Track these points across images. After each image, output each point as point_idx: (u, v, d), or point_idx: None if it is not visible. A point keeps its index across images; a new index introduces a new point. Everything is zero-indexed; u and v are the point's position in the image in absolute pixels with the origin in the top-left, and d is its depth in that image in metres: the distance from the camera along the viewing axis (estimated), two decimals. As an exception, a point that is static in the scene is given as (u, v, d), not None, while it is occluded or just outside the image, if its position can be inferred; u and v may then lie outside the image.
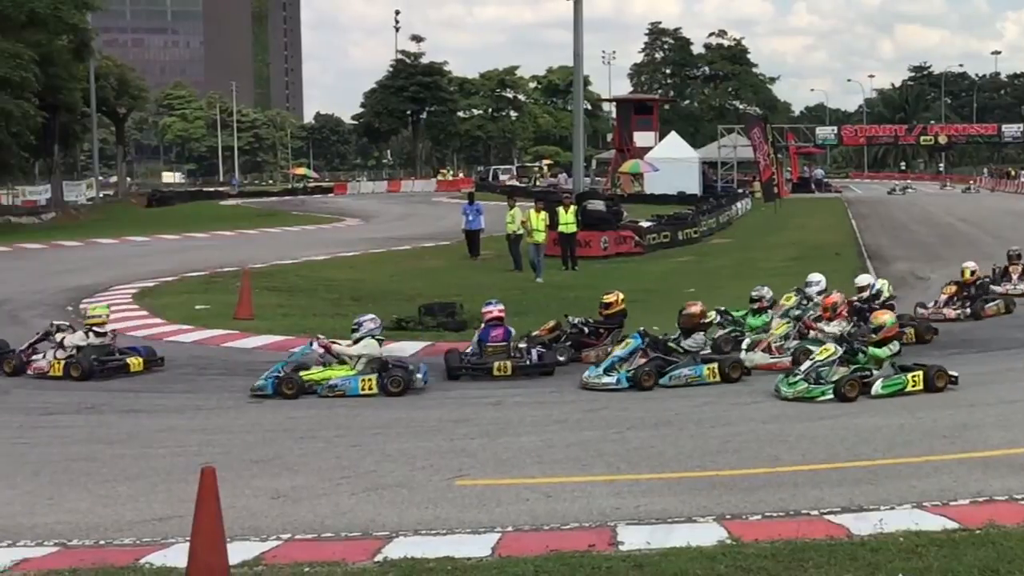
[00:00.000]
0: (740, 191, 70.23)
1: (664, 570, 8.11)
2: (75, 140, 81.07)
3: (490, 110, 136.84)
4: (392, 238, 46.17)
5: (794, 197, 74.54)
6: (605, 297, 19.23)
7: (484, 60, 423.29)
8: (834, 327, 17.73)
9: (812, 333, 17.70)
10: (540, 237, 31.40)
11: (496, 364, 17.04)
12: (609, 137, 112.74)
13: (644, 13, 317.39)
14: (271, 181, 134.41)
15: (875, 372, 15.01)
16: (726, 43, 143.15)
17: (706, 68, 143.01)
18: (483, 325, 17.79)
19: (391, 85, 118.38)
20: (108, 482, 11.32)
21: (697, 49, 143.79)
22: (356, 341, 16.47)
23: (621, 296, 19.24)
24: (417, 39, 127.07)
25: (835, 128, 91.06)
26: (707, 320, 17.82)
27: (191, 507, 7.81)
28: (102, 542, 9.39)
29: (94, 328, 18.50)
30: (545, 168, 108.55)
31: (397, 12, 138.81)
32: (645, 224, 42.08)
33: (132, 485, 11.20)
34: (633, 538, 8.92)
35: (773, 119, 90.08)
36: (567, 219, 33.52)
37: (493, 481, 11.04)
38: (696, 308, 17.26)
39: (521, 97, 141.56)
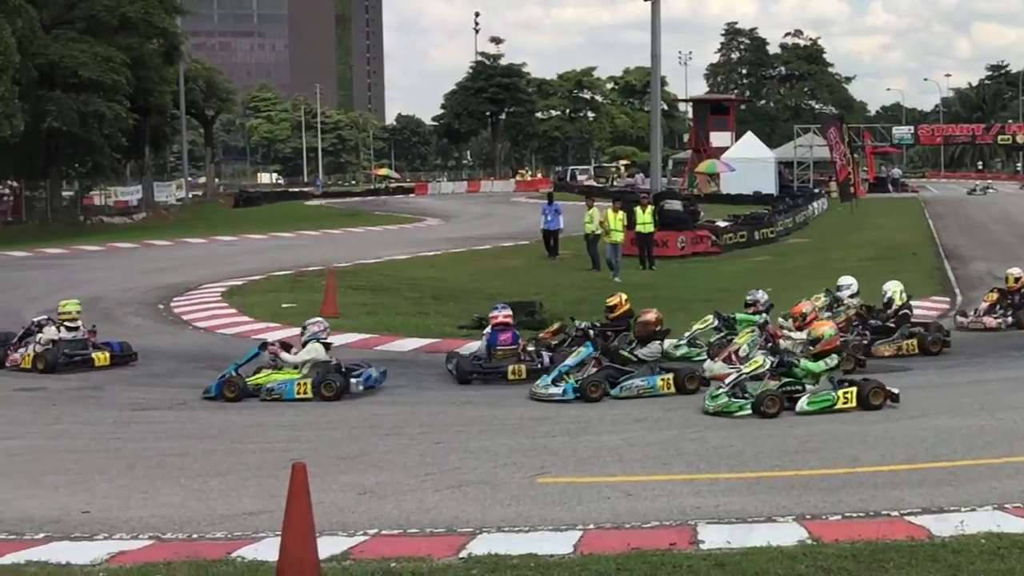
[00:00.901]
0: (816, 191, 69.52)
1: (745, 569, 8.08)
2: (165, 142, 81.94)
3: (568, 111, 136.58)
4: (472, 238, 46.24)
5: (870, 197, 73.76)
6: (609, 300, 18.87)
7: (562, 61, 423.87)
8: (800, 335, 16.83)
9: (783, 343, 16.72)
10: (618, 237, 31.33)
11: (511, 368, 16.84)
12: (686, 137, 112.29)
13: (720, 14, 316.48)
14: (354, 182, 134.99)
15: (808, 387, 14.12)
16: (802, 43, 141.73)
17: (782, 68, 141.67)
18: (490, 329, 17.42)
19: (471, 86, 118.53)
20: (200, 476, 11.47)
21: (773, 49, 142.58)
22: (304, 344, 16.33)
23: (625, 298, 18.83)
24: (496, 41, 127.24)
25: (911, 128, 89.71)
26: (662, 328, 16.88)
27: (280, 502, 7.88)
28: (194, 536, 9.51)
29: (65, 324, 18.99)
30: (622, 168, 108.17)
31: (477, 14, 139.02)
32: (722, 224, 41.85)
33: (223, 480, 11.34)
34: (713, 537, 8.89)
35: (849, 119, 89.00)
36: (644, 219, 33.42)
37: (574, 479, 11.05)
38: (651, 316, 16.76)
39: (598, 98, 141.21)
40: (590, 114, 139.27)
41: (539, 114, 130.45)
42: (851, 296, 19.43)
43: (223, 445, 13.03)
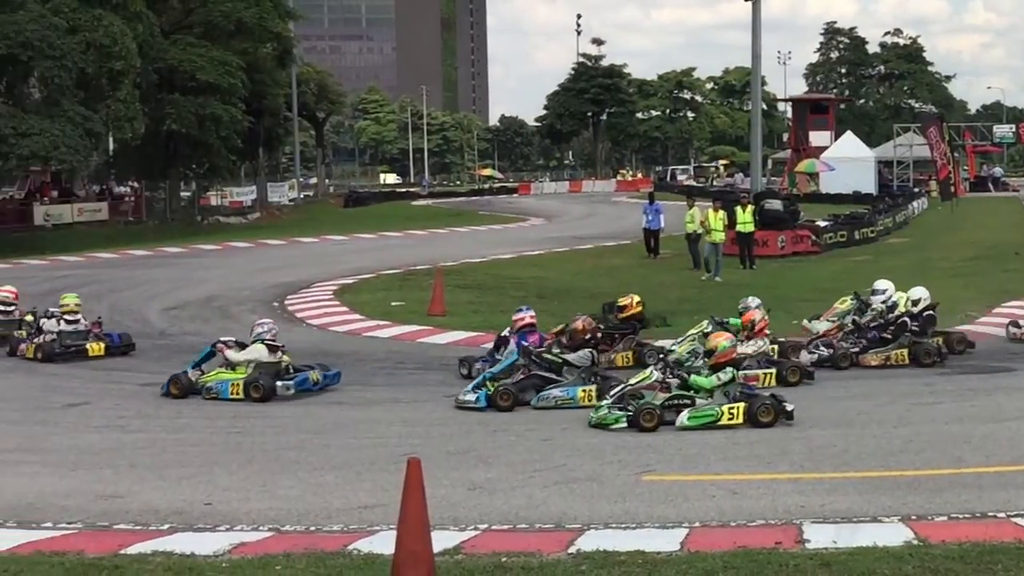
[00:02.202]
0: (916, 190, 68.44)
1: (852, 569, 7.98)
2: (278, 143, 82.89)
3: (668, 111, 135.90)
4: (574, 237, 46.21)
5: (971, 196, 72.41)
6: (620, 300, 18.56)
7: (662, 62, 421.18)
8: (748, 347, 16.18)
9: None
10: (718, 236, 31.11)
11: None
12: (785, 137, 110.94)
13: (819, 13, 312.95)
14: (459, 182, 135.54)
15: (698, 401, 13.37)
16: (902, 42, 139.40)
17: (881, 67, 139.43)
18: (516, 332, 16.86)
19: (573, 87, 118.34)
20: (316, 470, 11.61)
21: (872, 48, 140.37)
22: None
23: (636, 299, 18.47)
24: (598, 42, 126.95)
25: (1013, 126, 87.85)
26: (594, 337, 16.07)
27: (394, 496, 7.96)
28: (312, 528, 9.63)
29: (65, 316, 19.87)
30: (722, 168, 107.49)
31: (579, 16, 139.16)
32: (822, 223, 41.32)
33: (338, 474, 11.47)
34: (819, 536, 8.79)
35: (949, 117, 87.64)
36: (745, 218, 33.16)
37: (679, 477, 11.02)
38: (579, 323, 16.05)
39: (698, 98, 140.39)
40: (690, 114, 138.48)
41: (640, 114, 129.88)
42: (884, 302, 18.18)
43: (338, 440, 13.18)
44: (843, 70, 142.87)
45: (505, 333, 17.15)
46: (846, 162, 70.25)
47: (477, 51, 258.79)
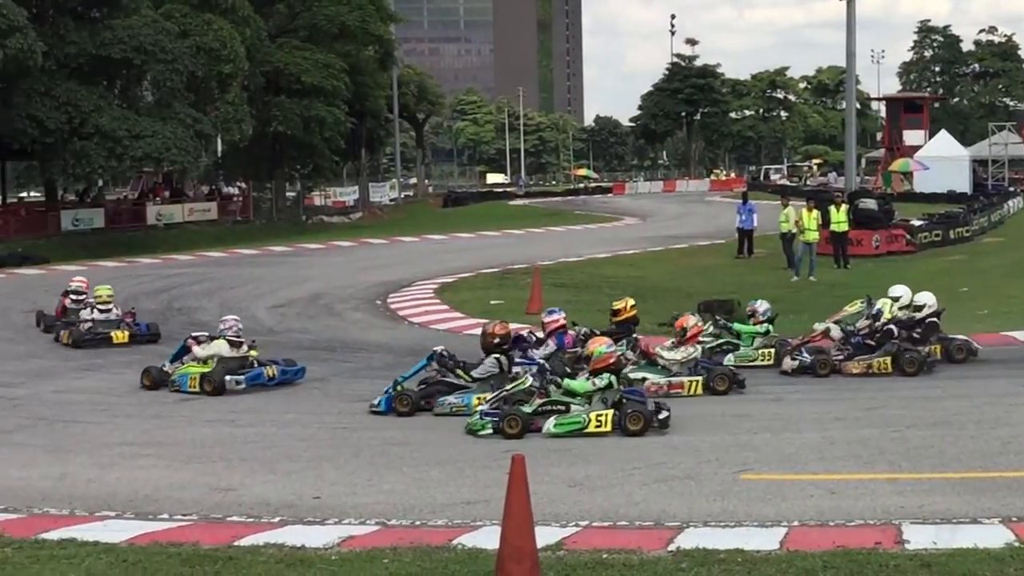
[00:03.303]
0: (1012, 189, 67.09)
1: (952, 571, 7.84)
2: (379, 144, 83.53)
3: (761, 111, 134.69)
4: (668, 236, 45.98)
5: (1067, 194, 70.79)
6: (614, 303, 18.15)
7: (755, 61, 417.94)
8: (677, 353, 15.75)
9: (661, 360, 15.73)
10: (812, 236, 30.80)
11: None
12: (878, 136, 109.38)
13: (913, 12, 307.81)
14: (554, 182, 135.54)
15: (574, 407, 13.02)
16: (996, 39, 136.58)
17: (976, 65, 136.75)
18: (552, 334, 16.63)
19: (667, 88, 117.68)
20: (421, 466, 11.70)
21: (967, 46, 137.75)
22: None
23: (631, 302, 17.96)
24: (692, 42, 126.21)
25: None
26: (504, 344, 15.25)
27: (496, 492, 7.98)
28: (417, 522, 9.68)
29: (98, 306, 21.16)
30: (815, 167, 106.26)
31: (673, 16, 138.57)
32: (916, 223, 40.72)
33: (442, 469, 11.54)
34: (918, 537, 8.65)
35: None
36: (839, 218, 32.81)
37: (777, 476, 10.91)
38: (491, 328, 15.38)
39: (791, 97, 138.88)
40: (783, 114, 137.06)
41: (733, 114, 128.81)
42: (900, 308, 17.54)
43: (440, 436, 13.25)
44: (937, 68, 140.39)
45: (524, 333, 16.89)
46: (940, 161, 69.07)
47: (572, 52, 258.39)
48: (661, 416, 12.89)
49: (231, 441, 13.23)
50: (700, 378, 15.43)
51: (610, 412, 12.88)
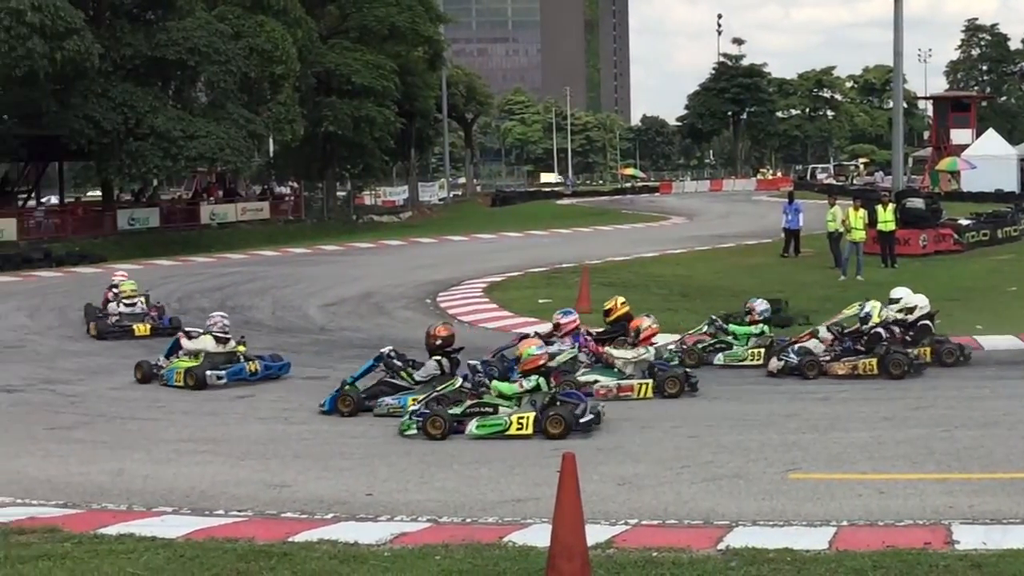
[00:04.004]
0: (1060, 188, 66.27)
1: (1003, 571, 7.78)
2: (428, 144, 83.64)
3: (807, 110, 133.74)
4: (715, 236, 45.74)
5: (1117, 193, 69.87)
6: (605, 304, 18.15)
7: (801, 60, 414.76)
8: (628, 353, 15.54)
9: (618, 362, 15.49)
10: (859, 235, 30.52)
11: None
12: (925, 135, 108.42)
13: (960, 10, 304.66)
14: (601, 181, 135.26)
15: (503, 409, 13.00)
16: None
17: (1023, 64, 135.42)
18: (569, 334, 16.59)
19: (713, 87, 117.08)
20: (471, 464, 11.73)
21: (1014, 45, 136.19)
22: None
23: (620, 301, 17.98)
24: (738, 42, 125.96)
25: None
26: (451, 346, 15.01)
27: (545, 490, 7.98)
28: (468, 520, 9.73)
29: (123, 300, 22.15)
30: (861, 167, 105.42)
31: (719, 16, 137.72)
32: (964, 222, 40.30)
33: (491, 467, 11.57)
34: (968, 538, 8.59)
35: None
36: (886, 217, 32.49)
37: (826, 475, 10.86)
38: (434, 329, 15.17)
39: (838, 96, 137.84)
40: (829, 113, 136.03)
41: (779, 113, 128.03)
42: (900, 311, 17.34)
43: (490, 434, 13.27)
44: (984, 67, 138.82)
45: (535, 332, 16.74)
46: (988, 160, 68.30)
47: (619, 52, 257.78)
48: (583, 420, 12.83)
49: (285, 438, 13.30)
50: (650, 381, 15.27)
51: (531, 415, 12.86)
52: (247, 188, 66.87)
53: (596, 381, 15.25)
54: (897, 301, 17.54)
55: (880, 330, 16.64)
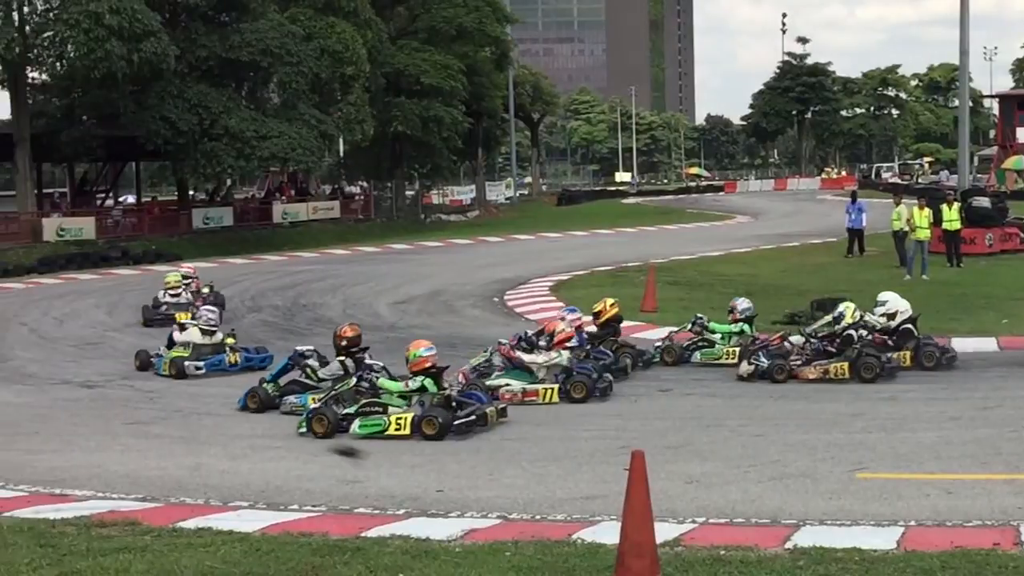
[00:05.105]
0: None
1: (1072, 574, 7.67)
2: (495, 144, 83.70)
3: (872, 109, 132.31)
4: (780, 235, 45.39)
5: None
6: (595, 306, 17.95)
7: (865, 59, 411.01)
8: (539, 357, 15.28)
9: (533, 366, 15.20)
10: (924, 234, 30.12)
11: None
12: (991, 133, 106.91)
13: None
14: (666, 180, 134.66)
15: (392, 409, 13.07)
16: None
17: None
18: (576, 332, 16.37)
19: (778, 86, 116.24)
20: (539, 461, 11.74)
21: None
22: None
23: (610, 302, 17.84)
24: (802, 40, 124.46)
25: None
26: (358, 347, 14.98)
27: (613, 487, 7.95)
28: (537, 517, 9.72)
29: (168, 291, 23.76)
30: (926, 165, 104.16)
31: (784, 15, 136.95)
32: (1031, 221, 39.68)
33: (560, 464, 11.56)
34: (1037, 539, 8.46)
35: None
36: (951, 216, 32.05)
37: (893, 475, 10.75)
38: (341, 329, 15.18)
39: (902, 95, 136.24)
40: (894, 112, 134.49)
41: (844, 112, 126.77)
42: (884, 315, 16.89)
43: (558, 432, 13.29)
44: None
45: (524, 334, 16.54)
46: (1055, 158, 67.29)
47: (684, 51, 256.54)
48: (457, 422, 12.81)
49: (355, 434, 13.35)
50: (556, 386, 14.99)
51: (409, 415, 12.92)
52: (318, 187, 67.35)
53: (507, 384, 15.09)
54: (883, 304, 17.10)
55: (852, 332, 16.25)
